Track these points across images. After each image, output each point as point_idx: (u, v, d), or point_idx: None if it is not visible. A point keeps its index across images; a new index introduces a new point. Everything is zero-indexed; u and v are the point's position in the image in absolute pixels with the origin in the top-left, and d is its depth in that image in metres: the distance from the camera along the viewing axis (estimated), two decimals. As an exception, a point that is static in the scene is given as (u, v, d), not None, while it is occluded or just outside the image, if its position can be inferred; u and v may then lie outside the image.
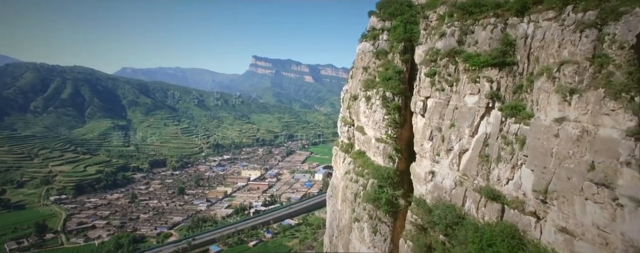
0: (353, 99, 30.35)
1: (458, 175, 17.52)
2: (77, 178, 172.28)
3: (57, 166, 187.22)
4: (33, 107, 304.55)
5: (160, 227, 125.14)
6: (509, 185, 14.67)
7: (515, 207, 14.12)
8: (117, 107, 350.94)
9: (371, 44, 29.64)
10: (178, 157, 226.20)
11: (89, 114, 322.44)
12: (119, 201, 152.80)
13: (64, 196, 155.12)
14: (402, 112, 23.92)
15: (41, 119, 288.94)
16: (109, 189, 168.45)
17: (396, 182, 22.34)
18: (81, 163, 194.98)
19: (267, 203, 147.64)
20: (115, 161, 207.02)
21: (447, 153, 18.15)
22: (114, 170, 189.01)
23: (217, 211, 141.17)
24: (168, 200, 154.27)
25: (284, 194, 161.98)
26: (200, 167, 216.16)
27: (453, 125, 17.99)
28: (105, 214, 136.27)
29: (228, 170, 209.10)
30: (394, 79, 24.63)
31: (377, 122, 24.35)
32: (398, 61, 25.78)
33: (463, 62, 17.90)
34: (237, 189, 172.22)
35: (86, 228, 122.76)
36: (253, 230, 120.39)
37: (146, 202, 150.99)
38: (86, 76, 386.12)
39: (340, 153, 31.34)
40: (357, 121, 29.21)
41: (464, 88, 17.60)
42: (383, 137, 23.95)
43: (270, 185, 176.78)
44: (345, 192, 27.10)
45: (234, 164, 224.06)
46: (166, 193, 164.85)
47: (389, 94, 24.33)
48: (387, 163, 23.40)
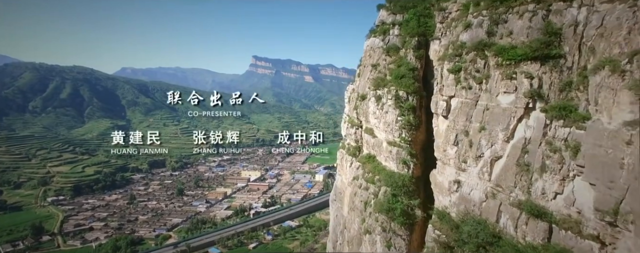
0: (361, 98, 28.02)
1: (490, 186, 15.21)
2: (75, 179, 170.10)
3: (55, 167, 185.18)
4: (32, 107, 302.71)
5: (158, 228, 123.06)
6: (558, 201, 12.35)
7: (567, 227, 11.79)
8: (116, 107, 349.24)
9: (381, 39, 27.32)
10: (177, 158, 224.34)
11: (88, 114, 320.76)
12: (118, 202, 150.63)
13: (62, 197, 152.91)
14: (417, 113, 21.64)
15: (40, 119, 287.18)
16: (107, 190, 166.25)
17: (412, 190, 20.04)
18: (79, 163, 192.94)
19: (267, 204, 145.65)
20: (114, 162, 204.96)
21: (476, 161, 15.84)
22: (112, 170, 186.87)
23: (217, 212, 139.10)
24: (167, 201, 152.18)
25: (284, 195, 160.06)
26: (199, 168, 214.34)
27: (483, 129, 15.67)
28: (103, 216, 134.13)
29: (228, 170, 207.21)
30: (408, 76, 22.33)
31: (389, 124, 22.03)
32: (411, 57, 23.47)
33: (494, 56, 15.57)
34: (237, 190, 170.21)
35: (83, 230, 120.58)
36: (253, 232, 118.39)
37: (145, 203, 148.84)
38: (85, 76, 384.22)
39: (347, 157, 29.03)
40: (366, 123, 26.91)
41: (496, 86, 15.27)
42: (396, 140, 21.65)
43: (271, 186, 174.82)
44: (354, 200, 24.78)
45: (233, 165, 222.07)
46: (165, 194, 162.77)
47: (403, 93, 22.03)
48: (401, 169, 21.09)
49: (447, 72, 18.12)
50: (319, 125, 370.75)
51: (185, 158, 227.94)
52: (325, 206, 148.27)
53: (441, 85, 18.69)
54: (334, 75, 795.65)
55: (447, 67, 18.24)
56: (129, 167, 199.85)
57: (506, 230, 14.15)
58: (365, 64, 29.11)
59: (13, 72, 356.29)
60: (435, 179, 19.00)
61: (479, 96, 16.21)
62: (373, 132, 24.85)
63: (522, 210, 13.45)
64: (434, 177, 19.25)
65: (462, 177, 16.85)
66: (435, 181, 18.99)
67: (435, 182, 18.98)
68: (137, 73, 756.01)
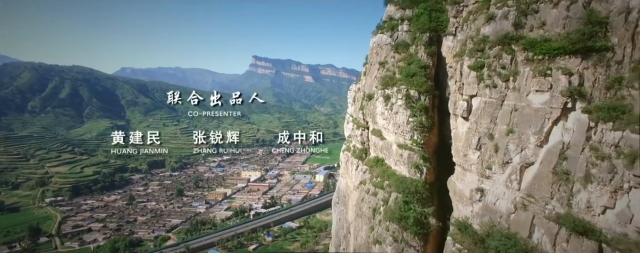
0: (368, 98, 26.32)
1: (519, 196, 13.52)
2: (73, 179, 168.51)
3: (53, 167, 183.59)
4: (31, 107, 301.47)
5: (158, 230, 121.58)
6: (608, 216, 10.67)
7: (624, 249, 10.07)
8: (116, 107, 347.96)
9: (389, 35, 25.62)
10: (177, 158, 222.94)
11: (87, 114, 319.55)
12: (116, 203, 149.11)
13: (60, 198, 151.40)
14: (430, 114, 19.95)
15: (39, 119, 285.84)
16: (106, 191, 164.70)
17: (425, 197, 18.36)
18: (78, 164, 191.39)
19: (267, 205, 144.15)
20: (113, 162, 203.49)
21: (503, 167, 14.15)
22: (111, 171, 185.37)
23: (217, 213, 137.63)
24: (166, 202, 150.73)
25: (284, 196, 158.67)
26: (199, 168, 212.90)
27: (511, 132, 13.97)
28: (102, 217, 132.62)
29: (228, 171, 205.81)
30: (419, 74, 20.65)
31: (400, 126, 20.34)
32: (422, 54, 21.79)
33: (523, 50, 13.86)
34: (237, 191, 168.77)
35: (82, 232, 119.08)
36: (253, 233, 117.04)
37: (144, 204, 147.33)
38: (85, 76, 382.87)
39: (353, 159, 27.31)
40: (373, 124, 25.22)
41: (526, 84, 13.57)
42: (407, 143, 19.96)
43: (271, 187, 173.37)
44: (361, 206, 23.08)
45: (233, 165, 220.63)
46: (164, 194, 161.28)
47: (414, 93, 20.35)
48: (413, 174, 19.40)
49: (468, 69, 16.39)
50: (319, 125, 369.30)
51: (185, 158, 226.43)
52: (326, 207, 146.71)
53: (460, 84, 16.97)
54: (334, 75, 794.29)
55: (468, 64, 16.51)
56: (128, 167, 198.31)
57: (542, 247, 12.46)
58: (372, 61, 27.42)
59: (12, 72, 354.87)
60: (454, 186, 17.30)
61: (505, 95, 14.53)
62: (381, 134, 23.16)
63: (562, 225, 11.78)
64: (453, 184, 17.54)
65: (486, 184, 15.16)
66: (454, 188, 17.28)
67: (454, 190, 17.28)
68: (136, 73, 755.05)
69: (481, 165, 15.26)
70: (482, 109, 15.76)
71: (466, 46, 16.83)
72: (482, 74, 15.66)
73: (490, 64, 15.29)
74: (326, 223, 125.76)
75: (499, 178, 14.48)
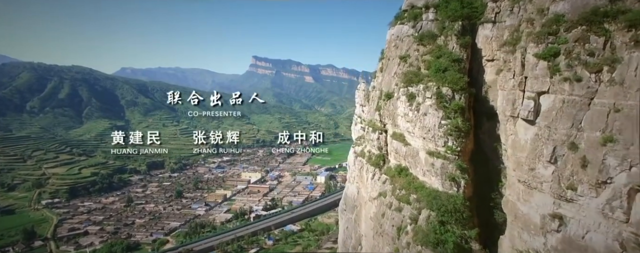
0: (386, 97, 23.60)
1: (627, 231, 10.41)
2: (71, 180, 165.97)
3: (51, 168, 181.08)
4: (29, 107, 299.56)
5: (156, 233, 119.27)
6: None
7: None
8: (115, 108, 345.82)
9: (410, 26, 22.94)
10: (177, 159, 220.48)
11: (87, 114, 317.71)
12: (114, 205, 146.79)
13: (57, 200, 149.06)
14: (466, 115, 17.20)
15: (37, 119, 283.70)
16: (104, 192, 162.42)
17: (466, 216, 15.46)
18: (76, 165, 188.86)
19: (268, 207, 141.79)
20: (111, 163, 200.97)
21: (596, 189, 11.00)
22: (110, 172, 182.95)
23: (216, 216, 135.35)
24: (165, 204, 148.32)
25: (285, 197, 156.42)
26: (199, 169, 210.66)
27: (610, 140, 10.88)
28: (99, 219, 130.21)
29: (227, 172, 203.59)
30: (453, 69, 18.00)
31: (430, 130, 17.62)
32: (454, 46, 19.12)
33: (626, 29, 10.71)
34: (237, 192, 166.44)
35: (78, 235, 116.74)
36: (253, 237, 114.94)
37: (142, 206, 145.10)
38: (84, 76, 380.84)
39: (369, 167, 24.52)
40: (393, 126, 22.49)
41: (638, 74, 10.52)
42: (440, 150, 17.23)
43: (271, 188, 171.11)
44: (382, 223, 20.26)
45: (233, 166, 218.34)
46: (163, 196, 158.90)
47: (447, 90, 17.65)
48: (448, 188, 16.62)
49: (534, 58, 13.29)
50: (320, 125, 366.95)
51: (185, 159, 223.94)
52: (328, 209, 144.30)
53: (521, 78, 13.89)
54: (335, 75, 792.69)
55: (534, 52, 13.44)
56: (127, 168, 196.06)
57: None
58: (390, 56, 24.74)
59: (11, 72, 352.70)
60: (515, 209, 14.20)
61: (595, 91, 11.49)
62: (404, 139, 20.43)
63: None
64: (512, 206, 14.46)
65: (566, 210, 12.00)
66: (515, 211, 14.18)
67: (515, 213, 14.17)
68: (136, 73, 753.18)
69: (558, 184, 12.20)
70: (559, 110, 12.64)
71: (519, 32, 14.09)
72: (557, 64, 12.65)
73: (570, 50, 12.21)
74: (328, 226, 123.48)
75: (589, 203, 11.36)
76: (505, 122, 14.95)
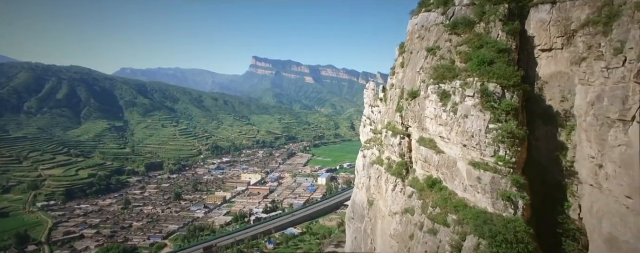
0: (409, 96, 20.39)
1: None
2: (67, 182, 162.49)
3: (47, 169, 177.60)
4: (27, 107, 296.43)
5: (153, 236, 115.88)
6: None
7: None
8: (114, 108, 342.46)
9: (439, 12, 19.77)
10: (175, 160, 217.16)
11: (85, 115, 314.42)
12: (111, 207, 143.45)
13: (53, 202, 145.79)
14: (520, 118, 14.03)
15: (35, 119, 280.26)
16: (101, 194, 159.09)
17: (531, 249, 12.08)
18: (73, 166, 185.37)
19: (268, 209, 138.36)
20: (109, 164, 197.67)
21: None
22: (107, 173, 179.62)
23: (215, 218, 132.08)
24: (163, 206, 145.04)
25: (286, 199, 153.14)
26: (198, 170, 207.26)
27: None
28: (95, 222, 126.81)
29: (227, 173, 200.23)
30: (500, 61, 14.78)
31: (473, 135, 14.38)
32: (499, 33, 15.96)
33: None
34: (237, 194, 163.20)
35: (73, 239, 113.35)
36: (253, 240, 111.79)
37: (140, 208, 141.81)
38: (83, 76, 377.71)
39: (389, 176, 21.24)
40: (419, 130, 19.25)
41: None
42: (488, 160, 13.93)
43: (271, 190, 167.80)
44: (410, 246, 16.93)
45: (233, 167, 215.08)
46: (162, 198, 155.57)
47: (494, 87, 14.40)
48: (501, 209, 13.26)
49: None
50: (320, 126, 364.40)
51: (184, 160, 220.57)
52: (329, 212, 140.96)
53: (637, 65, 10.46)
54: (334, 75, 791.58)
55: None
56: (125, 169, 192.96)
57: None
58: (413, 49, 21.58)
59: (8, 72, 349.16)
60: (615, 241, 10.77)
61: None
62: (435, 145, 17.21)
63: None
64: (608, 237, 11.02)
65: None
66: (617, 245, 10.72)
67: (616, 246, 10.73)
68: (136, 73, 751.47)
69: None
70: None
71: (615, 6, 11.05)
72: None
73: None
74: (330, 229, 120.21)
75: None
76: (597, 128, 11.48)
